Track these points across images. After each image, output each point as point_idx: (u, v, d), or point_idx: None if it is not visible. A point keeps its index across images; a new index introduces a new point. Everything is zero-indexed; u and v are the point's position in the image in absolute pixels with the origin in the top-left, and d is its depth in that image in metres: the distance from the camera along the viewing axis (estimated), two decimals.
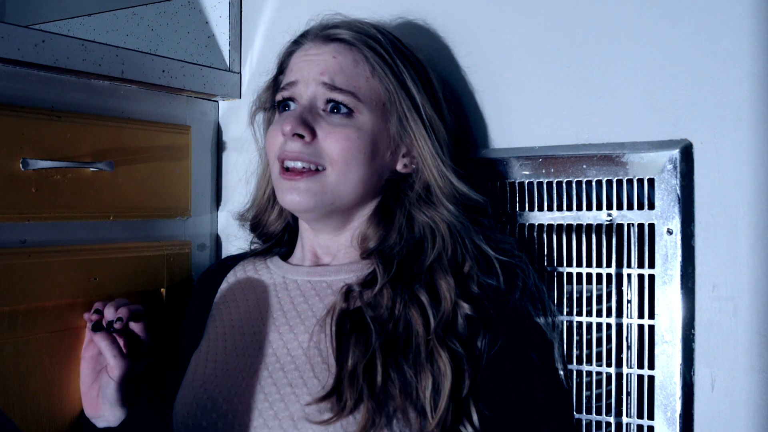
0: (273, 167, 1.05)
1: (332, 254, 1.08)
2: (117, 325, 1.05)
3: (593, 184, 1.06)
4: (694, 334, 0.99)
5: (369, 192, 1.05)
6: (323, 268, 1.07)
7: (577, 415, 1.05)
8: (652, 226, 1.02)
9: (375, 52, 1.03)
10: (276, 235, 1.17)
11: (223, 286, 1.16)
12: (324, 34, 1.05)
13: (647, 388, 1.01)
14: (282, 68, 1.11)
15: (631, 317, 1.03)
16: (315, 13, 1.12)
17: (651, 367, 1.01)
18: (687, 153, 1.00)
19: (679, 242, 0.99)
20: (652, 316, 1.01)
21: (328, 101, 1.02)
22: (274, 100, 1.09)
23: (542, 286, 1.03)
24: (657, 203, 1.01)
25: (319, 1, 1.18)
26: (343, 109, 1.01)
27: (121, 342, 1.08)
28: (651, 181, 1.02)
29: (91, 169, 1.10)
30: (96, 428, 1.06)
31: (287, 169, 1.02)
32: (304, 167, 1.01)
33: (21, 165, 1.01)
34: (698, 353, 0.98)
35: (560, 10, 1.09)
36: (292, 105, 1.05)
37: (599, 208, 1.05)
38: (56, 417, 1.06)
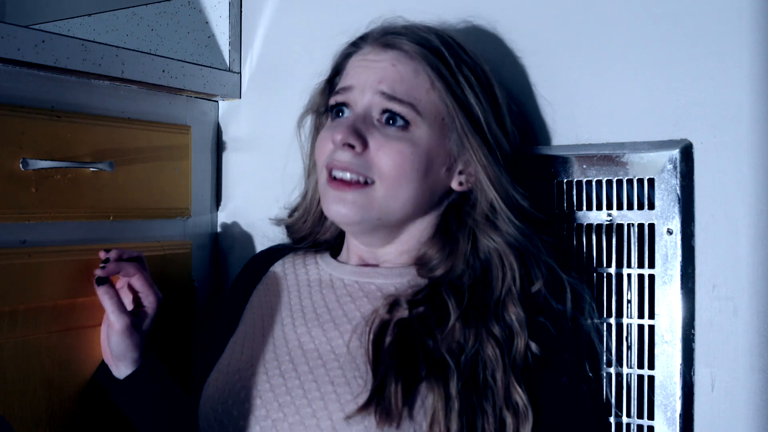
0: (321, 175, 1.01)
1: (379, 260, 1.05)
2: (98, 272, 1.04)
3: (593, 183, 1.06)
4: (694, 334, 0.99)
5: (419, 209, 1.00)
6: (372, 269, 1.03)
7: None
8: (652, 226, 1.02)
9: (437, 64, 0.97)
10: (328, 242, 1.13)
11: (268, 274, 1.13)
12: (384, 40, 1.00)
13: (647, 388, 1.01)
14: (337, 70, 1.07)
15: (631, 317, 1.03)
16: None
17: (651, 367, 1.01)
18: (687, 153, 1.00)
19: (679, 242, 0.99)
20: (652, 316, 1.01)
21: (384, 111, 0.97)
22: (327, 104, 1.05)
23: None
24: (657, 203, 1.01)
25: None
26: (400, 122, 0.96)
27: (129, 299, 1.09)
28: (651, 181, 1.02)
29: (91, 169, 1.10)
30: (112, 376, 1.08)
31: (335, 179, 0.98)
32: (352, 179, 0.97)
33: (21, 165, 1.01)
34: (698, 353, 0.98)
35: (561, 10, 1.09)
36: (346, 111, 1.00)
37: (599, 208, 1.05)
38: (56, 417, 1.05)
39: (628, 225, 1.04)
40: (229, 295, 1.19)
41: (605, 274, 1.05)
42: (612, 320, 1.04)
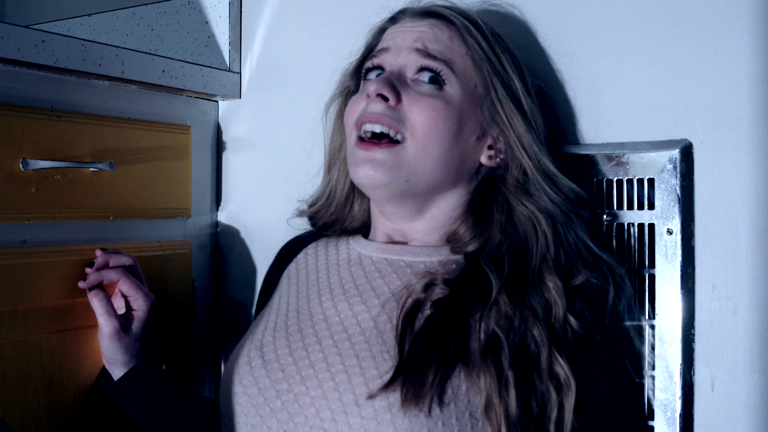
0: (349, 138, 0.99)
1: (407, 238, 1.02)
2: (80, 284, 1.04)
3: (593, 183, 1.05)
4: (694, 334, 0.99)
5: (448, 177, 0.97)
6: (400, 246, 1.01)
7: None
8: (652, 226, 1.02)
9: (474, 33, 0.98)
10: (356, 229, 1.11)
11: (298, 256, 1.12)
12: (422, 9, 1.01)
13: (647, 388, 1.01)
14: (370, 48, 1.05)
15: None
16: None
17: (651, 367, 1.01)
18: (687, 153, 1.00)
19: (679, 242, 0.99)
20: (652, 316, 1.01)
21: (420, 69, 0.96)
22: (361, 71, 1.04)
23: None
24: (657, 203, 1.01)
25: None
26: (434, 79, 0.96)
27: (122, 302, 1.08)
28: (651, 181, 1.02)
29: (91, 169, 1.10)
30: (110, 378, 1.08)
31: (363, 140, 0.96)
32: (383, 132, 0.95)
33: (21, 165, 1.01)
34: (698, 353, 0.98)
35: (559, 11, 1.09)
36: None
37: (599, 207, 1.05)
38: (56, 417, 1.05)
39: (628, 225, 1.04)
40: (262, 286, 1.19)
41: None
42: None
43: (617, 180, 1.04)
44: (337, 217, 1.10)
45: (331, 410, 0.86)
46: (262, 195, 1.38)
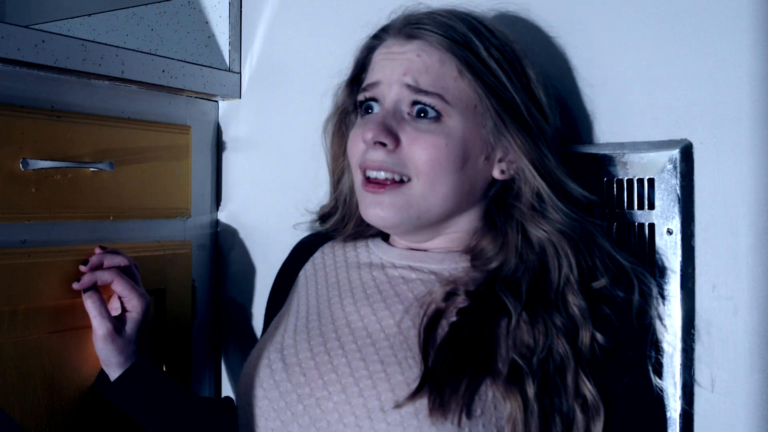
0: (356, 176, 0.98)
1: (428, 247, 1.01)
2: (75, 285, 1.05)
3: (594, 183, 1.05)
4: (694, 334, 0.99)
5: (461, 204, 0.96)
6: (423, 253, 1.00)
7: None
8: (652, 226, 1.02)
9: (463, 52, 0.93)
10: (374, 235, 1.08)
11: (315, 255, 1.10)
12: (407, 31, 0.96)
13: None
14: (361, 65, 1.03)
15: None
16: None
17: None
18: (687, 153, 1.00)
19: (679, 242, 0.99)
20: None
21: (414, 103, 0.93)
22: (355, 102, 1.02)
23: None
24: (657, 203, 1.01)
25: None
26: (431, 113, 0.92)
27: (118, 303, 1.08)
28: (651, 181, 1.02)
29: (91, 169, 1.10)
30: (106, 379, 1.08)
31: (369, 180, 0.95)
32: (387, 178, 0.93)
33: (21, 165, 1.01)
34: (698, 353, 0.98)
35: (556, 11, 1.09)
36: (375, 107, 0.97)
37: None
38: (56, 417, 1.05)
39: (629, 225, 1.03)
40: (275, 282, 1.17)
41: None
42: None
43: (617, 180, 1.04)
44: (354, 229, 1.08)
45: (355, 416, 0.85)
46: (262, 195, 1.38)
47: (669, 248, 1.00)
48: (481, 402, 0.84)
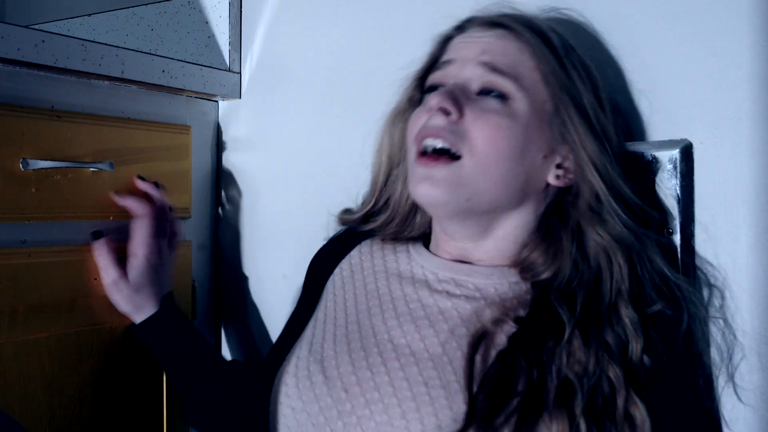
0: (410, 152, 0.94)
1: (472, 259, 0.96)
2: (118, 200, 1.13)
3: None
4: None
5: (513, 196, 0.92)
6: (468, 266, 0.95)
7: None
8: None
9: (543, 47, 0.92)
10: (414, 238, 1.04)
11: (353, 254, 1.06)
12: (490, 19, 0.95)
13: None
14: (435, 58, 0.99)
15: None
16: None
17: None
18: (687, 153, 1.00)
19: (679, 242, 0.99)
20: None
21: (485, 84, 0.91)
22: (423, 88, 0.98)
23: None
24: (657, 203, 1.01)
25: None
26: (499, 94, 0.90)
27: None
28: (651, 182, 1.02)
29: (91, 169, 1.10)
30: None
31: (423, 153, 0.91)
32: (443, 147, 0.89)
33: (21, 165, 1.01)
34: None
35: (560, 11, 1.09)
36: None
37: None
38: (56, 417, 1.06)
39: None
40: (305, 280, 1.13)
41: None
42: None
43: None
44: (398, 228, 1.04)
45: None
46: (262, 195, 1.38)
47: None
48: None
